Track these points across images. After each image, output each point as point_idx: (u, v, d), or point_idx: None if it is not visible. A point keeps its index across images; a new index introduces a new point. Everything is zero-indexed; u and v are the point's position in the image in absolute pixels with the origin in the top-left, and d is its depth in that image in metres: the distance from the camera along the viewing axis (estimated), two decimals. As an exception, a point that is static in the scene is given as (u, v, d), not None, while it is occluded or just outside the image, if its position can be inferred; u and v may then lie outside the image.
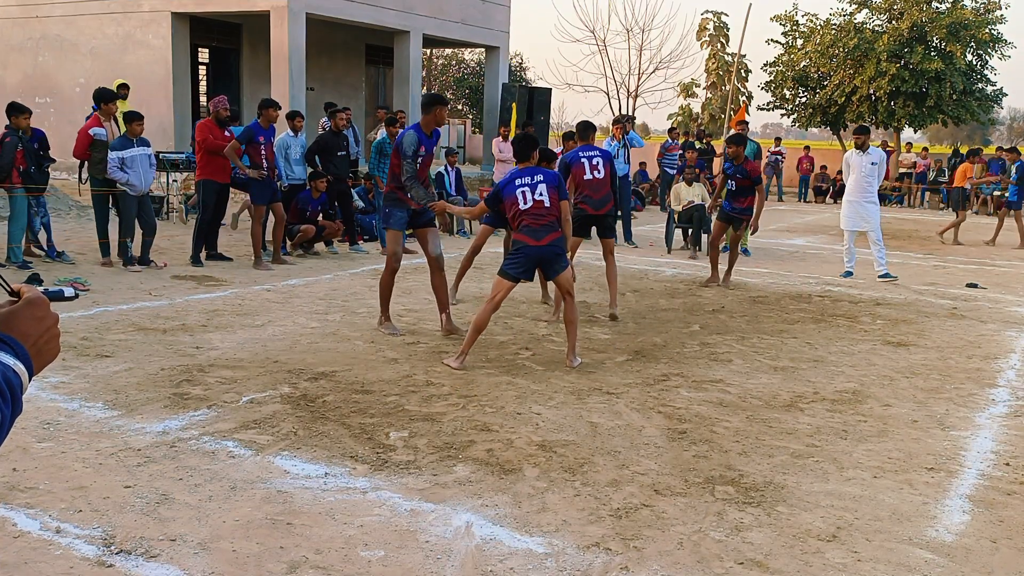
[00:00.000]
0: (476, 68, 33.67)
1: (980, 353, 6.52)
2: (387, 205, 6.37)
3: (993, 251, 13.24)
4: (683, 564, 3.10)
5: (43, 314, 1.29)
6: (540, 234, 5.62)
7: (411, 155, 6.06)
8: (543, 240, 5.62)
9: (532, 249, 5.62)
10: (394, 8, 17.46)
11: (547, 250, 5.64)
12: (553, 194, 5.72)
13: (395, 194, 6.27)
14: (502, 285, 5.68)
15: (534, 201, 5.66)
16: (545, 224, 5.65)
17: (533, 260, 5.67)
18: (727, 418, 4.73)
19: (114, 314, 6.68)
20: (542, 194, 5.69)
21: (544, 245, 5.63)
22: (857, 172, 9.84)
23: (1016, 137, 63.89)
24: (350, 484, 3.67)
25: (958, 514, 3.63)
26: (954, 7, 24.58)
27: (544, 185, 5.73)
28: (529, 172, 5.80)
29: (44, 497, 3.44)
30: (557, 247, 5.68)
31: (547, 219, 5.66)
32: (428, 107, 6.23)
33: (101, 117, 8.99)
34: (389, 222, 6.35)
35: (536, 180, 5.74)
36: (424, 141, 6.14)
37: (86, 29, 16.95)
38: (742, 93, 38.02)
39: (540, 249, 5.63)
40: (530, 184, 5.73)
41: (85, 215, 12.17)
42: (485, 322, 5.63)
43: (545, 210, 5.67)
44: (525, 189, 5.70)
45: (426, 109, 6.23)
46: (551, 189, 5.73)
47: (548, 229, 5.66)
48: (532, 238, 5.62)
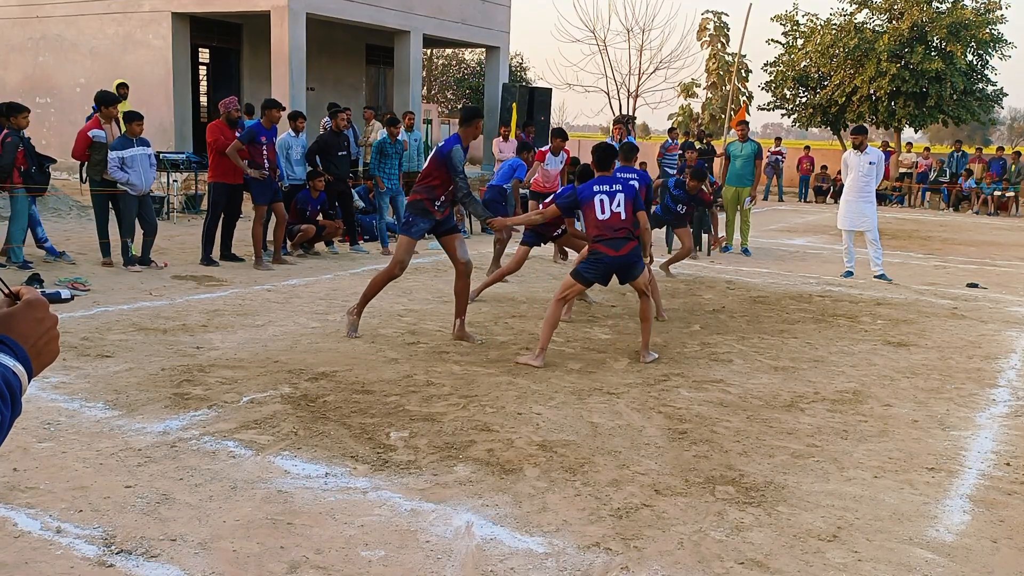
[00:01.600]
0: (476, 68, 33.67)
1: (981, 353, 6.52)
2: (411, 213, 6.16)
3: (993, 251, 13.24)
4: (683, 564, 3.10)
5: (42, 315, 1.29)
6: (619, 244, 5.73)
7: (462, 170, 5.98)
8: (622, 250, 5.73)
9: (610, 258, 5.74)
10: (394, 8, 17.46)
11: (625, 259, 5.76)
12: (629, 205, 5.82)
13: (423, 204, 6.10)
14: (575, 287, 5.85)
15: (612, 213, 5.75)
16: (622, 236, 5.75)
17: (611, 268, 5.80)
18: (727, 418, 4.73)
19: (114, 314, 6.68)
20: (620, 205, 5.78)
21: (623, 255, 5.74)
22: (855, 172, 9.85)
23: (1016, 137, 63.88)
24: (350, 484, 3.67)
25: (959, 514, 3.63)
26: (954, 7, 24.56)
27: (622, 195, 5.82)
28: (607, 181, 5.89)
29: (45, 497, 3.45)
30: (635, 255, 5.81)
31: (623, 231, 5.75)
32: (470, 120, 6.10)
33: (101, 119, 8.99)
34: (410, 231, 6.15)
35: (615, 189, 5.85)
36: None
37: (86, 29, 16.95)
38: (742, 93, 38.01)
39: (618, 259, 5.74)
40: (608, 193, 5.82)
41: (85, 215, 12.17)
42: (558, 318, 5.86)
43: (621, 222, 5.76)
44: (604, 198, 5.80)
45: (467, 123, 6.09)
46: (628, 200, 5.82)
47: (626, 240, 5.76)
48: (611, 248, 5.73)
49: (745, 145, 11.82)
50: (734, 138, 12.49)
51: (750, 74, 39.90)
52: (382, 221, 11.09)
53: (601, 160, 6.01)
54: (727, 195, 11.97)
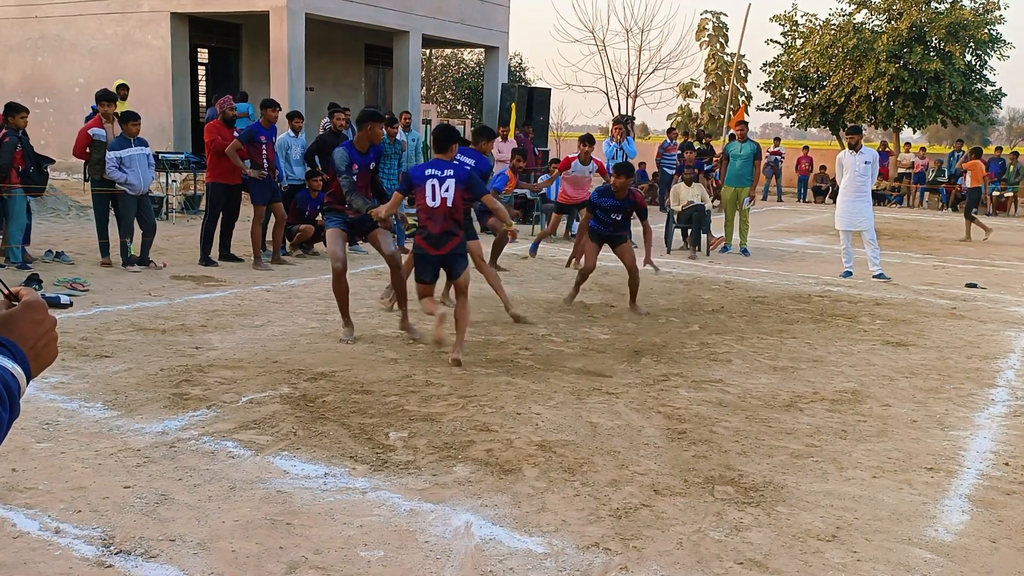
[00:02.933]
0: (475, 68, 33.66)
1: (979, 353, 6.52)
2: (326, 213, 6.45)
3: (993, 251, 13.24)
4: (682, 564, 3.10)
5: (41, 317, 1.28)
6: (440, 242, 5.59)
7: (344, 170, 6.09)
8: (442, 249, 5.60)
9: (431, 256, 5.64)
10: (393, 8, 17.46)
11: (445, 258, 5.65)
12: (459, 192, 5.56)
13: (332, 206, 6.32)
14: (419, 287, 5.80)
15: (441, 199, 5.57)
16: (447, 229, 5.57)
17: (435, 265, 5.70)
18: (726, 418, 4.73)
19: (113, 314, 6.68)
20: (448, 190, 5.54)
21: (443, 254, 5.61)
22: (851, 172, 9.86)
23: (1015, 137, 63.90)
24: (350, 484, 3.67)
25: (957, 514, 3.63)
26: (953, 7, 24.58)
27: (452, 181, 5.57)
28: (442, 165, 5.67)
29: (43, 497, 3.44)
30: (457, 252, 5.65)
31: (449, 222, 5.57)
32: (361, 124, 6.20)
33: (103, 119, 8.99)
34: (326, 223, 6.43)
35: (446, 175, 5.60)
36: (356, 158, 6.14)
37: (85, 29, 16.94)
38: (741, 93, 38.02)
39: (439, 257, 5.63)
40: (439, 178, 5.61)
41: (84, 215, 12.16)
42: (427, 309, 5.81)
43: (448, 211, 5.55)
44: (434, 183, 5.60)
45: (360, 126, 6.21)
46: (458, 186, 5.56)
47: (449, 234, 5.59)
48: (432, 246, 5.61)
49: (744, 145, 11.83)
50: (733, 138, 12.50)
51: (749, 74, 39.95)
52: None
53: (438, 142, 5.80)
54: (726, 195, 11.98)
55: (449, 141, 5.80)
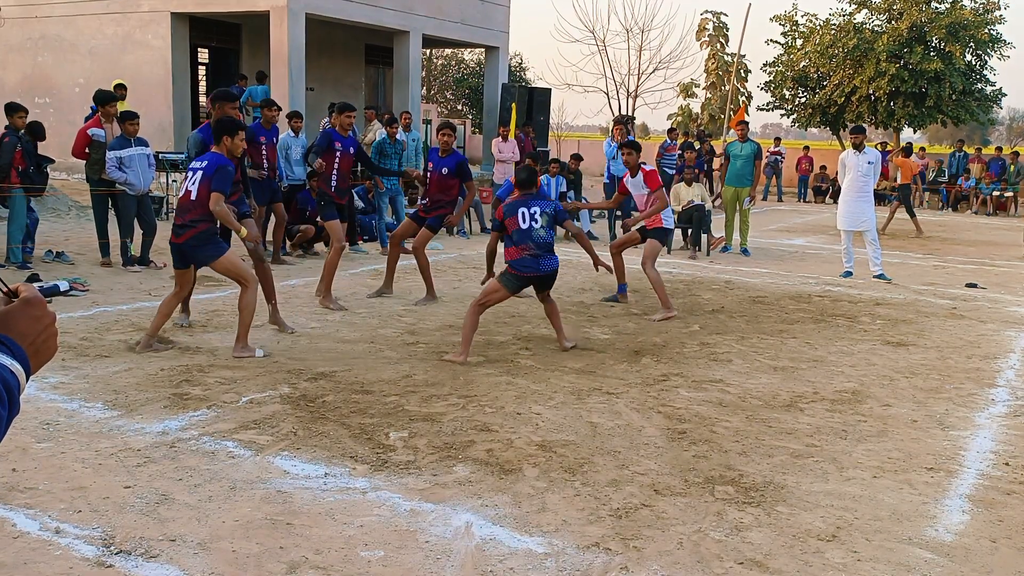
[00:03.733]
0: (476, 68, 33.67)
1: (980, 353, 6.52)
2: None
3: (992, 251, 13.24)
4: (683, 564, 3.10)
5: (40, 313, 1.28)
6: (177, 231, 5.69)
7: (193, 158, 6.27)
8: (180, 237, 5.68)
9: (172, 244, 5.77)
10: (394, 8, 17.45)
11: (181, 246, 5.73)
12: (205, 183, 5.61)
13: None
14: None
15: (186, 190, 5.67)
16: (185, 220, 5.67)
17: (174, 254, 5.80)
18: (727, 418, 4.73)
19: (113, 314, 6.68)
20: (194, 183, 5.63)
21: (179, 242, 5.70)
22: (853, 172, 9.85)
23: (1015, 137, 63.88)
24: (350, 484, 3.67)
25: (957, 514, 3.63)
26: (953, 7, 24.57)
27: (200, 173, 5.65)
28: (202, 158, 5.78)
29: (43, 497, 3.44)
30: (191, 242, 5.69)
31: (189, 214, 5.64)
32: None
33: (102, 119, 8.98)
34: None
35: (198, 167, 5.70)
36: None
37: (85, 29, 16.94)
38: (742, 93, 38.03)
39: (175, 245, 5.74)
40: (192, 169, 5.74)
41: (84, 215, 12.16)
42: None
43: (190, 203, 5.63)
44: (188, 173, 5.75)
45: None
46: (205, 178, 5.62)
47: (183, 227, 5.68)
48: (173, 235, 5.74)
49: (745, 145, 11.82)
50: (733, 138, 12.49)
51: (749, 74, 39.95)
52: (381, 221, 11.09)
53: (213, 133, 5.85)
54: (727, 195, 11.97)
55: (220, 133, 5.81)
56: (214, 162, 5.65)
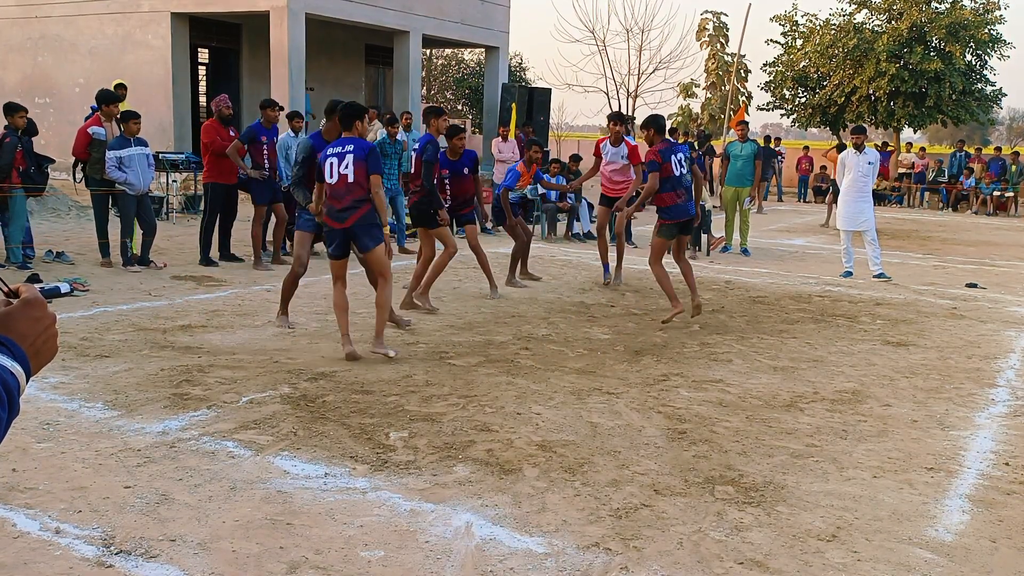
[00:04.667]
0: (476, 68, 33.66)
1: (980, 353, 6.52)
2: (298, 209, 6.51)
3: (992, 251, 13.24)
4: (683, 564, 3.10)
5: (40, 314, 1.28)
6: (342, 216, 5.57)
7: (295, 161, 6.23)
8: (346, 222, 5.58)
9: (334, 231, 5.64)
10: (394, 8, 17.45)
11: (349, 230, 5.61)
12: (361, 167, 5.47)
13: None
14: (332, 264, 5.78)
15: (339, 175, 5.53)
16: (349, 203, 5.53)
17: (338, 238, 5.70)
18: (727, 418, 4.73)
19: (113, 314, 6.68)
20: (348, 167, 5.48)
21: (347, 227, 5.60)
22: (853, 172, 9.85)
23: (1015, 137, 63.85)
24: (350, 484, 3.67)
25: (958, 514, 3.63)
26: (953, 7, 24.57)
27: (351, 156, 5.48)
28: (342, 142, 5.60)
29: (43, 497, 3.44)
30: (361, 224, 5.56)
31: (352, 197, 5.52)
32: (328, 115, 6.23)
33: (102, 118, 8.99)
34: (298, 223, 6.51)
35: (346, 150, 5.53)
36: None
37: (85, 29, 16.94)
38: (742, 93, 38.02)
39: (341, 232, 5.62)
40: (339, 155, 5.54)
41: (84, 215, 12.16)
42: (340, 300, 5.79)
43: (350, 186, 5.50)
44: (333, 160, 5.55)
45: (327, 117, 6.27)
46: (358, 161, 5.47)
47: (352, 209, 5.54)
48: (336, 221, 5.61)
49: (745, 145, 11.82)
50: (733, 138, 12.49)
51: (749, 74, 39.94)
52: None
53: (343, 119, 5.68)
54: (727, 195, 11.97)
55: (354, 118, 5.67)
56: (362, 144, 5.50)
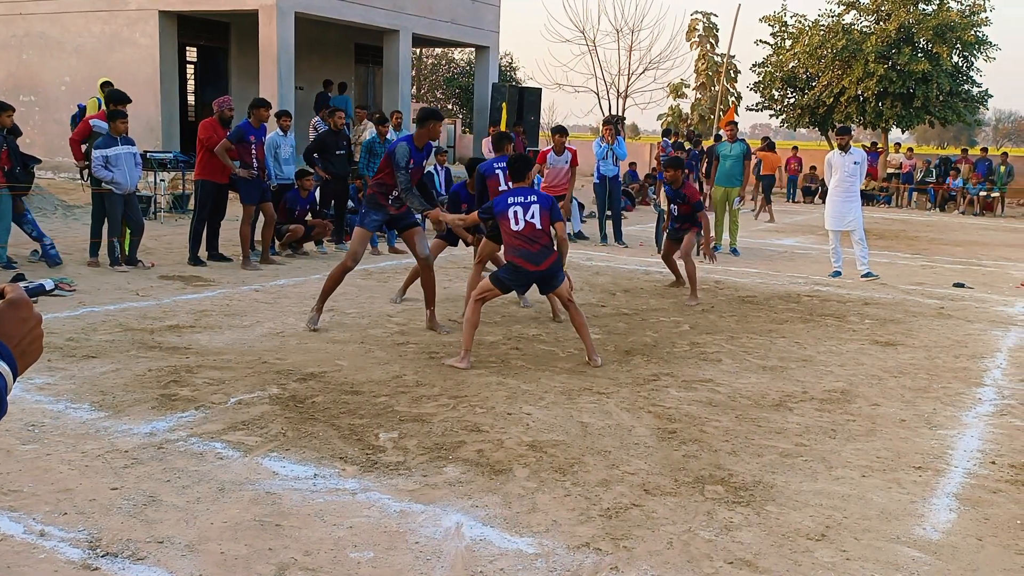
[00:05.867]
0: (466, 68, 33.64)
1: (967, 352, 6.56)
2: (366, 205, 6.50)
3: (980, 251, 13.32)
4: (673, 564, 3.10)
5: (26, 315, 1.27)
6: (538, 258, 5.67)
7: (403, 166, 6.18)
8: (541, 265, 5.67)
9: (529, 273, 5.71)
10: (383, 7, 17.41)
11: (545, 273, 5.71)
12: (546, 216, 5.72)
13: (376, 198, 6.41)
14: (492, 291, 5.76)
15: (526, 223, 5.68)
16: (542, 247, 5.68)
17: (530, 279, 5.79)
18: (717, 418, 4.74)
19: (100, 314, 6.63)
20: (534, 216, 5.70)
21: (543, 269, 5.69)
22: (840, 172, 9.90)
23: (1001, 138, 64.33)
24: (339, 485, 3.65)
25: (945, 512, 3.65)
26: (940, 9, 24.72)
27: (537, 207, 5.73)
28: (523, 192, 5.82)
29: (28, 500, 3.41)
30: (555, 268, 5.74)
31: (541, 242, 5.68)
32: (423, 122, 6.30)
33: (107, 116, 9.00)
34: (364, 222, 6.46)
35: (529, 200, 5.76)
36: (415, 155, 6.27)
37: (71, 27, 16.82)
38: (731, 94, 38.14)
39: (538, 273, 5.71)
40: (523, 204, 5.74)
41: (71, 215, 12.09)
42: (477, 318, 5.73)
43: (538, 232, 5.68)
44: (517, 209, 5.72)
45: (421, 123, 6.30)
46: (544, 211, 5.72)
47: (545, 252, 5.68)
48: (530, 262, 5.66)
49: (734, 146, 11.86)
50: (709, 142, 12.52)
51: (739, 75, 40.02)
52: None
53: (514, 171, 5.94)
54: (716, 196, 12.00)
55: (526, 169, 5.94)
56: (545, 197, 5.79)
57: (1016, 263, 12.00)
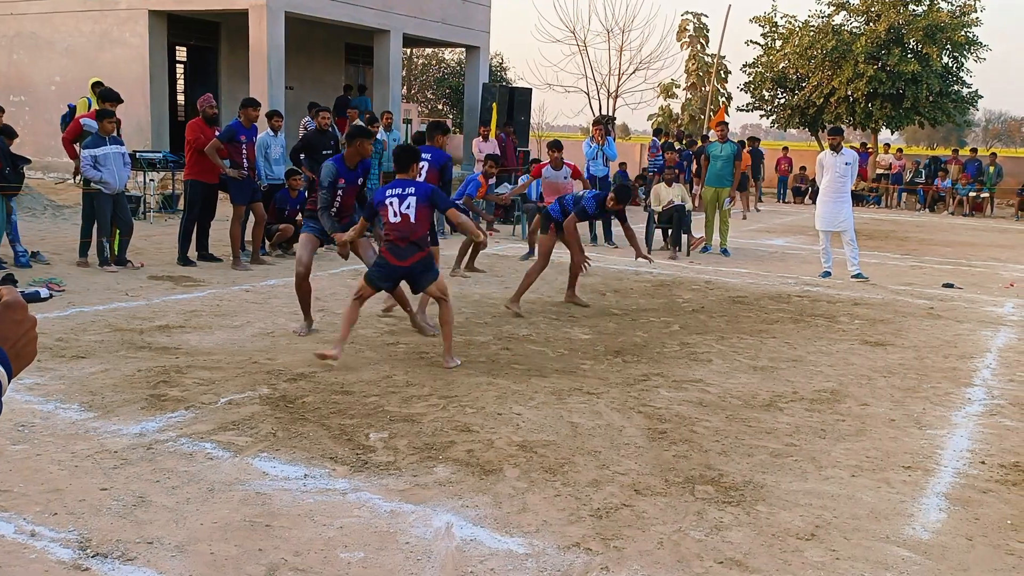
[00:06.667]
0: (456, 68, 33.63)
1: (956, 352, 6.59)
2: (305, 215, 6.49)
3: (969, 251, 13.40)
4: (663, 564, 3.11)
5: (21, 317, 1.28)
6: (404, 254, 5.54)
7: (326, 185, 6.10)
8: (406, 260, 5.55)
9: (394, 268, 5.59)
10: (374, 7, 17.38)
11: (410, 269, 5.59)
12: (423, 208, 5.53)
13: (311, 209, 6.35)
14: (366, 289, 5.66)
15: (402, 215, 5.53)
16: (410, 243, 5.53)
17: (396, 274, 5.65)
18: (707, 418, 4.75)
19: (90, 315, 6.60)
20: (410, 207, 5.53)
21: (407, 266, 5.56)
22: (831, 173, 9.93)
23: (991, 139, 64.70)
24: (330, 485, 3.65)
25: (934, 512, 3.67)
26: (930, 9, 24.83)
27: (414, 199, 5.54)
28: (402, 184, 5.66)
29: (18, 500, 3.40)
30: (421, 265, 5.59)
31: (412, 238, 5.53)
32: (351, 140, 6.19)
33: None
34: (304, 227, 6.40)
35: (407, 192, 5.57)
36: (345, 174, 6.13)
37: (62, 27, 16.73)
38: (722, 94, 38.23)
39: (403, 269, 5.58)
40: (399, 196, 5.58)
41: (60, 215, 12.03)
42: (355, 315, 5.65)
43: (412, 226, 5.52)
44: (394, 200, 5.57)
45: (349, 142, 6.20)
46: (421, 204, 5.53)
47: (413, 248, 5.54)
48: (396, 257, 5.54)
49: (724, 146, 11.89)
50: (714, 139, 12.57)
51: (729, 75, 40.13)
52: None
53: (399, 162, 5.78)
54: (707, 196, 12.04)
55: (410, 161, 5.80)
56: (424, 188, 5.61)
57: (1005, 263, 12.07)
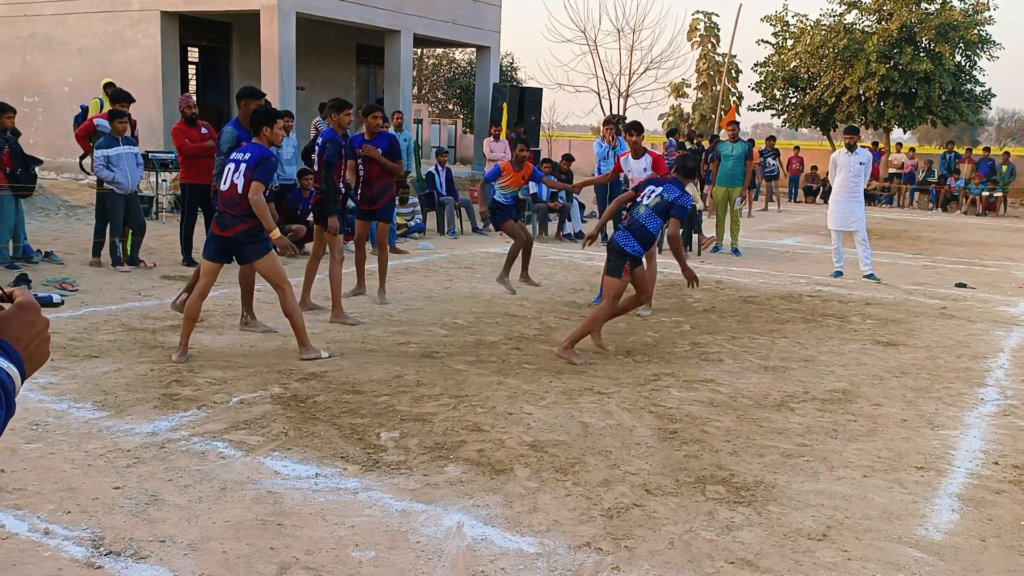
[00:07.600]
0: (467, 68, 33.67)
1: (969, 352, 6.55)
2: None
3: (982, 251, 13.31)
4: (674, 564, 3.10)
5: (35, 318, 1.29)
6: (225, 223, 5.46)
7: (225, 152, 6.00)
8: (227, 231, 5.47)
9: (216, 236, 5.51)
10: (384, 8, 17.42)
11: (229, 240, 5.50)
12: (249, 177, 5.35)
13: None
14: (204, 264, 5.59)
15: (231, 183, 5.43)
16: (232, 215, 5.42)
17: (218, 243, 5.56)
18: (718, 418, 4.74)
19: (103, 314, 6.64)
20: (240, 175, 5.39)
21: (227, 236, 5.48)
22: (845, 172, 9.89)
23: (1004, 138, 64.24)
24: (341, 484, 3.66)
25: (947, 513, 3.65)
26: (943, 8, 24.68)
27: (244, 165, 5.39)
28: (245, 149, 5.55)
29: (33, 498, 3.42)
30: (241, 238, 5.47)
31: (234, 210, 5.42)
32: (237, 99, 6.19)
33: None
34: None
35: (242, 158, 5.45)
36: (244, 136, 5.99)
37: (75, 28, 16.85)
38: (732, 93, 38.10)
39: (222, 239, 5.50)
40: (235, 161, 5.45)
41: (73, 215, 12.11)
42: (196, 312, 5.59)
43: (237, 196, 5.41)
44: (231, 166, 5.45)
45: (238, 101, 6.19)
46: (248, 171, 5.37)
47: (235, 220, 5.43)
48: (219, 225, 5.48)
49: (736, 146, 11.85)
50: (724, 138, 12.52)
51: (740, 74, 39.99)
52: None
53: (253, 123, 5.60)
54: (718, 195, 12.00)
55: (260, 124, 5.58)
56: (257, 153, 5.45)
57: (1019, 263, 11.99)
